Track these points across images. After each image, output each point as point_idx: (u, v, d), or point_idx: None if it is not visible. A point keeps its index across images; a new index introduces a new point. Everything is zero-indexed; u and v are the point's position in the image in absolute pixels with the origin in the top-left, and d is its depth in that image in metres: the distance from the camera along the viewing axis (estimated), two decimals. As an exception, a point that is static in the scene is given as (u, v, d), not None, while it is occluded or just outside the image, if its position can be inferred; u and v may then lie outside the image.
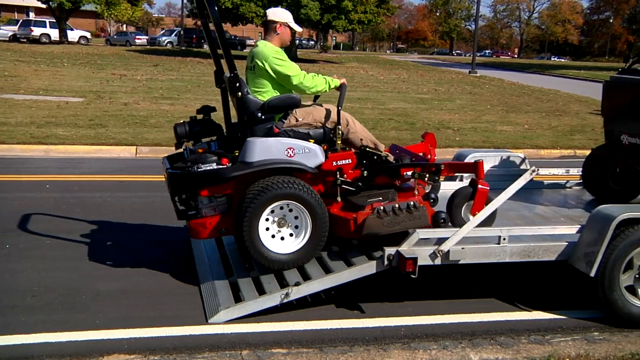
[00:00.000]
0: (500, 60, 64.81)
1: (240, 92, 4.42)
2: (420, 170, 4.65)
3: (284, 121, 4.59)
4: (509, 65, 49.55)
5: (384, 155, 4.67)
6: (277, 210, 4.34)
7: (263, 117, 4.48)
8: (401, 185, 4.74)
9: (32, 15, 56.22)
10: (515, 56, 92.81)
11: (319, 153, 4.44)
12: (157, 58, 32.88)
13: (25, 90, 16.24)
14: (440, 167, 4.67)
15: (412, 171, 4.66)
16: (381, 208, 4.29)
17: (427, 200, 4.61)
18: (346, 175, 4.56)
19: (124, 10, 46.82)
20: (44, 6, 44.61)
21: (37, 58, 27.36)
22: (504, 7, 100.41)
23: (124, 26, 72.39)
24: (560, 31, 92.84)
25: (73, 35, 46.61)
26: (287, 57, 4.60)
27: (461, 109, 17.54)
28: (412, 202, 4.36)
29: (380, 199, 4.47)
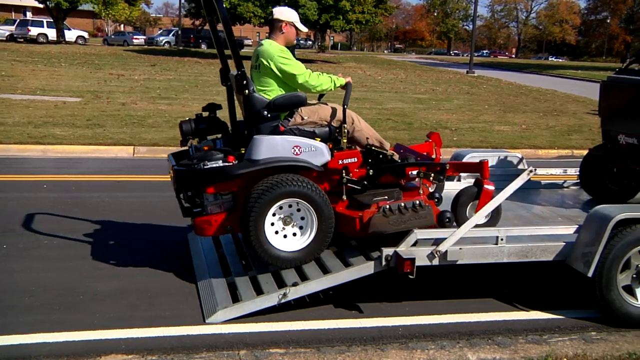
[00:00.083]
0: (497, 60, 64.88)
1: (247, 90, 4.43)
2: (425, 169, 4.67)
3: (290, 119, 4.60)
4: (507, 65, 49.60)
5: (390, 154, 4.67)
6: (283, 208, 4.34)
7: (269, 115, 4.48)
8: (406, 185, 4.75)
9: (29, 15, 56.05)
10: (513, 56, 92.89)
11: (325, 151, 4.45)
12: (155, 58, 32.84)
13: (23, 90, 16.21)
14: (445, 167, 4.68)
15: (418, 170, 4.67)
16: (387, 207, 4.30)
17: (432, 200, 4.62)
18: (352, 173, 4.57)
19: (121, 10, 46.77)
20: (41, 6, 44.52)
21: (34, 58, 27.31)
22: (502, 7, 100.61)
23: (121, 26, 72.30)
24: (558, 31, 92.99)
25: (70, 35, 46.60)
26: (292, 56, 4.60)
27: (459, 109, 17.55)
28: (418, 201, 4.37)
29: (386, 197, 4.48)
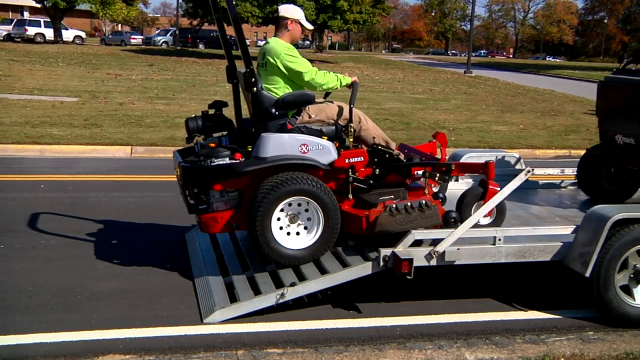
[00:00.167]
0: (495, 60, 64.92)
1: (255, 87, 4.43)
2: (431, 169, 4.68)
3: (297, 117, 4.61)
4: (504, 65, 49.65)
5: (396, 154, 4.67)
6: (291, 205, 4.34)
7: (277, 112, 4.49)
8: (410, 185, 4.76)
9: (26, 15, 56.07)
10: (511, 56, 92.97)
11: (332, 150, 4.46)
12: (152, 58, 32.81)
13: (20, 90, 16.18)
14: (451, 167, 4.69)
15: (423, 170, 4.68)
16: (393, 206, 4.31)
17: (437, 200, 4.63)
18: (358, 172, 4.58)
19: (119, 10, 46.69)
20: (38, 5, 44.47)
21: (31, 58, 27.27)
22: (499, 7, 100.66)
23: (119, 26, 72.24)
24: (555, 31, 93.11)
25: (68, 34, 46.56)
26: (298, 54, 4.61)
27: (456, 109, 17.56)
28: (424, 201, 4.39)
29: (392, 197, 4.50)
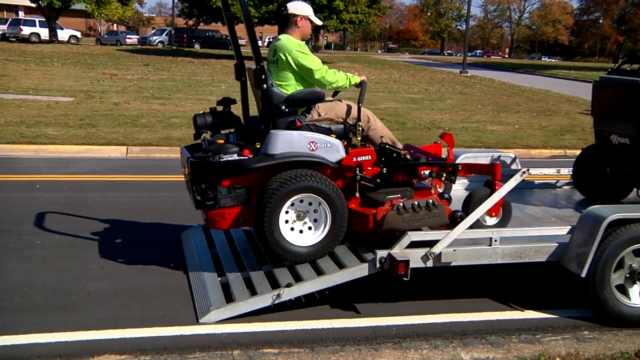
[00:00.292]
0: (491, 60, 65.01)
1: (265, 84, 4.44)
2: (437, 169, 4.70)
3: (307, 115, 4.62)
4: (500, 65, 49.70)
5: (403, 154, 4.69)
6: (298, 203, 4.35)
7: (287, 110, 4.50)
8: (416, 184, 4.78)
9: (21, 14, 55.80)
10: (506, 56, 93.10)
11: (340, 148, 4.47)
12: (148, 57, 32.74)
13: (15, 89, 16.13)
14: (457, 167, 4.70)
15: (430, 170, 4.70)
16: (401, 205, 4.33)
17: (443, 200, 4.64)
18: (365, 171, 4.59)
19: (114, 10, 46.65)
20: (33, 5, 44.35)
21: (26, 57, 27.19)
22: (495, 7, 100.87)
23: (114, 25, 72.07)
24: (551, 31, 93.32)
25: (63, 34, 46.38)
26: (309, 51, 4.62)
27: (452, 108, 17.58)
28: (432, 200, 4.41)
29: (399, 195, 4.52)
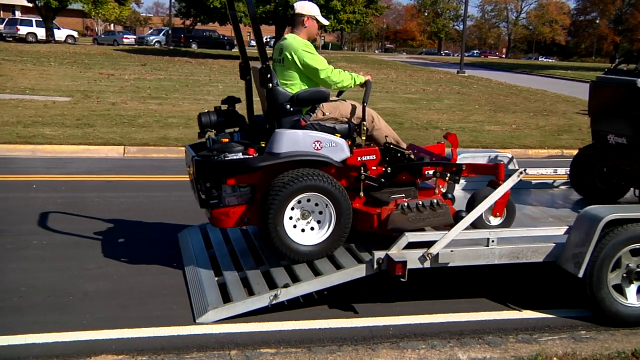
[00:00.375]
0: (488, 60, 65.10)
1: (270, 83, 4.45)
2: (442, 169, 4.71)
3: (312, 114, 4.63)
4: (497, 65, 49.78)
5: (408, 153, 4.70)
6: (303, 202, 4.36)
7: (292, 109, 4.50)
8: (420, 184, 4.80)
9: (18, 14, 55.79)
10: (503, 56, 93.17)
11: (345, 148, 4.48)
12: (145, 57, 32.71)
13: (12, 89, 16.10)
14: (461, 168, 4.70)
15: (434, 170, 4.72)
16: (405, 204, 4.33)
17: (447, 199, 4.65)
18: (369, 170, 4.60)
19: (111, 10, 46.57)
20: (30, 5, 44.26)
21: (23, 57, 27.14)
22: (492, 7, 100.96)
23: (111, 25, 71.99)
24: (548, 31, 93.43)
25: (60, 34, 46.39)
26: (315, 51, 4.63)
27: (449, 108, 17.59)
28: (436, 200, 4.42)
29: (403, 195, 4.53)
